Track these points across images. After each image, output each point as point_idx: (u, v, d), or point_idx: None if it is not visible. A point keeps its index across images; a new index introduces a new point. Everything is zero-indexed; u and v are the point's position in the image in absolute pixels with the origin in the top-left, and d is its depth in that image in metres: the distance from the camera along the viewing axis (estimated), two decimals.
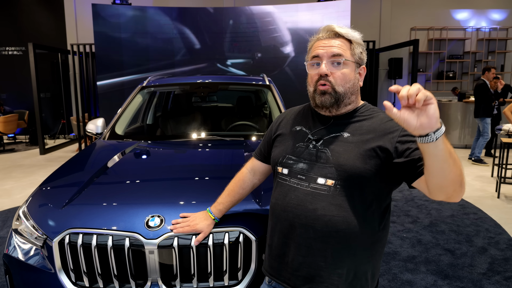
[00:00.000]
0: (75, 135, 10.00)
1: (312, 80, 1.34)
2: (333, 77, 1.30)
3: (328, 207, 1.24)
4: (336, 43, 1.31)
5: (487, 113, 6.85)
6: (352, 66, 1.32)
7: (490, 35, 10.87)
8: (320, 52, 1.31)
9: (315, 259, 1.27)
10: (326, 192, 1.26)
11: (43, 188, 2.03)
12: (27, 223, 1.80)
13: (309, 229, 1.27)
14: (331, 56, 1.30)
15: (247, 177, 1.62)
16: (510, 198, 5.02)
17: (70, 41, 10.06)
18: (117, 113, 3.23)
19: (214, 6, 9.20)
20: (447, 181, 1.06)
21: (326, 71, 1.29)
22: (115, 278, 1.58)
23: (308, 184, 1.29)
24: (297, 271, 1.30)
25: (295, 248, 1.30)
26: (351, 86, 1.32)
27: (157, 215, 1.63)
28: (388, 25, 10.59)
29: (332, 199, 1.25)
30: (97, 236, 1.59)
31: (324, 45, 1.32)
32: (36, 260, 1.71)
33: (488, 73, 6.97)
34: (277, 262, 1.36)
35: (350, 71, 1.32)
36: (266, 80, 3.58)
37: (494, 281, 2.90)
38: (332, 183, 1.25)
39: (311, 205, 1.27)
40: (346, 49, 1.31)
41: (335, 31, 1.33)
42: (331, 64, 1.30)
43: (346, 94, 1.31)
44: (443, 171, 1.04)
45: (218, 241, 1.58)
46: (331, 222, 1.24)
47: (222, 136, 2.99)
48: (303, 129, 1.39)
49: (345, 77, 1.31)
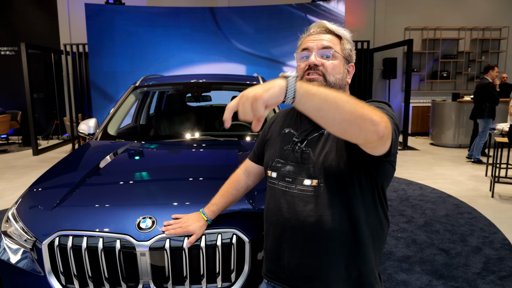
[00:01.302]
0: (69, 136, 9.93)
1: (299, 72, 1.33)
2: (324, 66, 1.29)
3: (315, 208, 1.24)
4: (327, 37, 1.33)
5: (492, 114, 6.72)
6: (341, 60, 1.33)
7: (483, 35, 10.93)
8: (310, 44, 1.32)
9: (310, 259, 1.26)
10: (312, 192, 1.25)
11: (33, 189, 2.00)
12: (16, 225, 1.77)
13: (299, 231, 1.26)
14: (321, 48, 1.30)
15: (241, 178, 1.60)
16: (504, 197, 5.04)
17: (63, 41, 9.99)
18: (110, 113, 3.20)
19: (208, 6, 9.18)
20: (342, 122, 0.96)
21: (316, 61, 1.29)
22: (106, 281, 1.55)
23: (295, 187, 1.28)
24: (295, 273, 1.29)
25: (289, 251, 1.30)
26: (340, 78, 1.32)
27: (149, 217, 1.61)
28: (382, 25, 10.61)
29: (318, 199, 1.24)
30: (87, 238, 1.56)
31: (315, 39, 1.33)
32: (26, 263, 1.68)
33: (492, 72, 6.78)
34: (274, 266, 1.36)
35: (339, 64, 1.32)
36: (259, 80, 3.57)
37: (488, 281, 2.90)
38: (316, 183, 1.25)
39: (299, 207, 1.26)
40: (336, 43, 1.33)
41: (326, 27, 1.35)
42: (320, 56, 1.31)
43: (335, 85, 1.31)
44: (330, 117, 0.96)
45: (211, 242, 1.56)
46: (319, 222, 1.23)
47: (215, 136, 2.97)
48: (291, 131, 1.39)
49: (336, 68, 1.31)
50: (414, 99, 10.71)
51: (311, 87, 0.96)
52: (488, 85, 6.72)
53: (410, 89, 8.53)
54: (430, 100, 9.95)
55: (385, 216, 1.32)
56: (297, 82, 0.96)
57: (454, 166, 6.91)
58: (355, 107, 0.94)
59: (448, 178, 6.01)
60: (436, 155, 7.91)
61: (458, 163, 7.11)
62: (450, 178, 6.01)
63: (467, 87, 11.06)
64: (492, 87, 6.70)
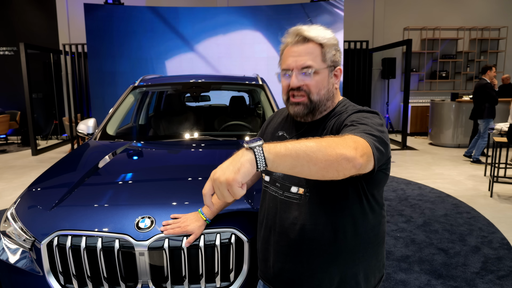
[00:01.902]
0: (68, 136, 9.92)
1: (284, 90, 1.31)
2: (307, 86, 1.25)
3: (300, 216, 1.24)
4: (305, 50, 1.25)
5: (492, 114, 6.73)
6: (325, 73, 1.26)
7: (482, 35, 10.94)
8: (290, 64, 1.25)
9: (293, 265, 1.28)
10: (298, 200, 1.25)
11: (32, 189, 1.99)
12: (15, 225, 1.77)
13: (283, 237, 1.28)
14: (301, 69, 1.24)
15: None
16: (503, 197, 5.05)
17: (62, 41, 9.99)
18: (109, 113, 3.20)
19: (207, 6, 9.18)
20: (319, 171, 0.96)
21: (297, 84, 1.25)
22: (105, 280, 1.55)
23: (283, 193, 1.29)
24: (278, 276, 1.32)
25: (273, 255, 1.33)
26: (325, 92, 1.27)
27: (148, 216, 1.61)
28: (381, 25, 10.62)
29: (303, 208, 1.24)
30: (86, 238, 1.56)
31: (294, 55, 1.25)
32: (24, 263, 1.68)
33: (490, 72, 6.82)
34: (263, 266, 1.40)
35: (323, 78, 1.26)
36: (259, 80, 3.57)
37: (487, 280, 2.90)
38: (302, 191, 1.25)
39: (284, 213, 1.27)
40: (316, 55, 1.25)
41: (303, 36, 1.25)
42: (303, 75, 1.25)
43: (321, 102, 1.27)
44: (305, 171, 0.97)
45: (210, 242, 1.56)
46: (302, 231, 1.23)
47: (215, 136, 2.97)
48: (284, 135, 1.39)
49: (319, 85, 1.25)
50: (413, 99, 10.73)
51: (279, 147, 0.94)
52: (486, 86, 6.74)
53: (409, 89, 8.54)
54: (429, 100, 9.96)
55: (377, 221, 1.29)
56: (264, 149, 0.94)
57: (453, 166, 6.91)
58: (327, 153, 0.94)
59: (447, 178, 6.02)
60: (435, 155, 7.91)
61: (457, 163, 7.11)
62: (449, 178, 6.02)
63: (466, 87, 11.08)
64: (490, 87, 6.71)
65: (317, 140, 0.97)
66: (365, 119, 1.15)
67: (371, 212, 1.26)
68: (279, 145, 0.95)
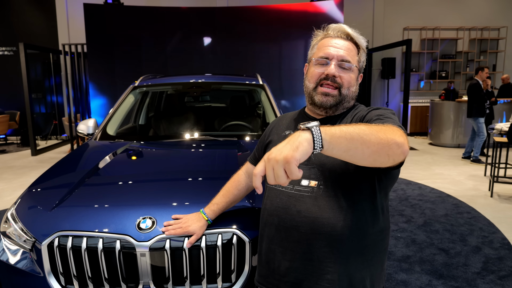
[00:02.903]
0: (67, 136, 9.91)
1: (313, 77, 1.32)
2: (341, 79, 1.29)
3: (312, 209, 1.21)
4: (346, 46, 1.30)
5: (480, 113, 6.92)
6: (356, 73, 1.33)
7: (482, 35, 10.94)
8: (331, 52, 1.29)
9: (301, 263, 1.22)
10: (310, 193, 1.23)
11: (32, 190, 1.99)
12: (15, 225, 1.76)
13: (293, 232, 1.23)
14: (341, 60, 1.29)
15: (242, 179, 1.60)
16: (503, 197, 5.05)
17: (61, 41, 9.97)
18: (109, 113, 3.19)
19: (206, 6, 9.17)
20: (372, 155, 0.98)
21: (335, 73, 1.28)
22: (106, 281, 1.55)
23: (293, 187, 1.26)
24: (284, 277, 1.26)
25: (280, 253, 1.27)
26: (354, 91, 1.33)
27: (149, 217, 1.60)
28: (381, 25, 10.62)
29: (316, 200, 1.21)
30: (87, 239, 1.55)
31: (335, 46, 1.30)
32: (25, 264, 1.67)
33: (481, 73, 7.03)
34: (265, 269, 1.33)
35: (354, 77, 1.32)
36: (259, 80, 3.56)
37: (488, 280, 2.90)
38: (315, 184, 1.23)
39: (295, 207, 1.23)
40: (354, 54, 1.31)
41: (347, 33, 1.32)
42: (339, 67, 1.29)
43: (347, 98, 1.32)
44: (359, 154, 0.98)
45: (211, 243, 1.56)
46: (314, 224, 1.20)
47: (215, 136, 2.96)
48: (291, 133, 1.36)
49: (351, 81, 1.31)
50: (412, 99, 10.73)
51: (334, 130, 0.95)
52: (475, 86, 6.96)
53: (409, 89, 8.54)
54: (429, 100, 9.96)
55: (385, 225, 1.28)
56: (321, 130, 0.94)
57: (453, 166, 6.91)
58: (379, 136, 0.96)
59: (447, 178, 6.02)
60: (435, 155, 7.91)
61: (457, 163, 7.12)
62: (449, 178, 6.02)
63: (465, 87, 11.07)
64: (479, 87, 6.91)
65: (367, 124, 0.99)
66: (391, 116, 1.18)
67: (381, 213, 1.26)
68: (334, 127, 0.96)
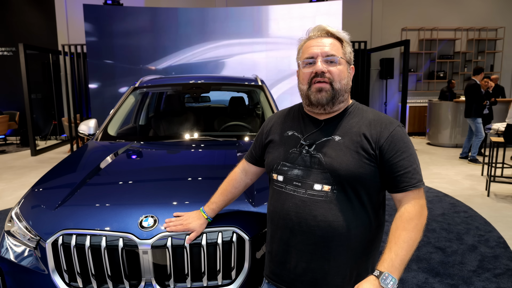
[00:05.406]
0: (67, 136, 9.93)
1: (305, 78, 1.35)
2: (330, 73, 1.31)
3: (327, 213, 1.26)
4: (328, 42, 1.34)
5: (478, 113, 6.95)
6: (345, 64, 1.35)
7: (479, 36, 10.99)
8: (315, 51, 1.32)
9: (318, 263, 1.29)
10: (324, 198, 1.27)
11: (35, 189, 2.02)
12: (19, 224, 1.79)
13: (310, 235, 1.28)
14: (325, 56, 1.32)
15: (239, 177, 1.63)
16: (500, 196, 5.09)
17: (61, 41, 10.00)
18: (110, 114, 3.23)
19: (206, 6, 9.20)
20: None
21: (323, 68, 1.31)
22: (109, 278, 1.58)
23: (305, 191, 1.29)
24: (301, 277, 1.31)
25: (297, 255, 1.31)
26: (345, 83, 1.35)
27: (151, 216, 1.64)
28: (379, 26, 10.66)
29: (330, 205, 1.26)
30: (90, 237, 1.59)
31: (318, 44, 1.34)
32: (29, 262, 1.71)
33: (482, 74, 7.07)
34: (279, 269, 1.37)
35: (344, 69, 1.34)
36: (258, 81, 3.60)
37: (484, 278, 2.94)
38: (328, 189, 1.27)
39: (310, 212, 1.27)
40: (338, 48, 1.34)
41: (326, 30, 1.36)
42: (325, 63, 1.32)
43: (341, 91, 1.33)
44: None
45: (212, 240, 1.59)
46: (331, 227, 1.26)
47: (215, 137, 3.00)
48: (295, 134, 1.39)
49: (341, 74, 1.33)
50: (411, 99, 10.77)
51: (397, 264, 1.16)
52: (473, 86, 7.00)
53: (407, 89, 8.58)
54: (427, 100, 10.00)
55: (383, 220, 1.39)
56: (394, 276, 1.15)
57: (450, 165, 6.96)
58: (419, 234, 1.24)
59: (444, 178, 6.06)
60: (432, 155, 7.96)
61: (455, 163, 7.16)
62: (447, 178, 6.06)
63: (463, 87, 11.10)
64: (477, 88, 6.94)
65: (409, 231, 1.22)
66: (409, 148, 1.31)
67: (381, 209, 1.36)
68: (397, 262, 1.17)
